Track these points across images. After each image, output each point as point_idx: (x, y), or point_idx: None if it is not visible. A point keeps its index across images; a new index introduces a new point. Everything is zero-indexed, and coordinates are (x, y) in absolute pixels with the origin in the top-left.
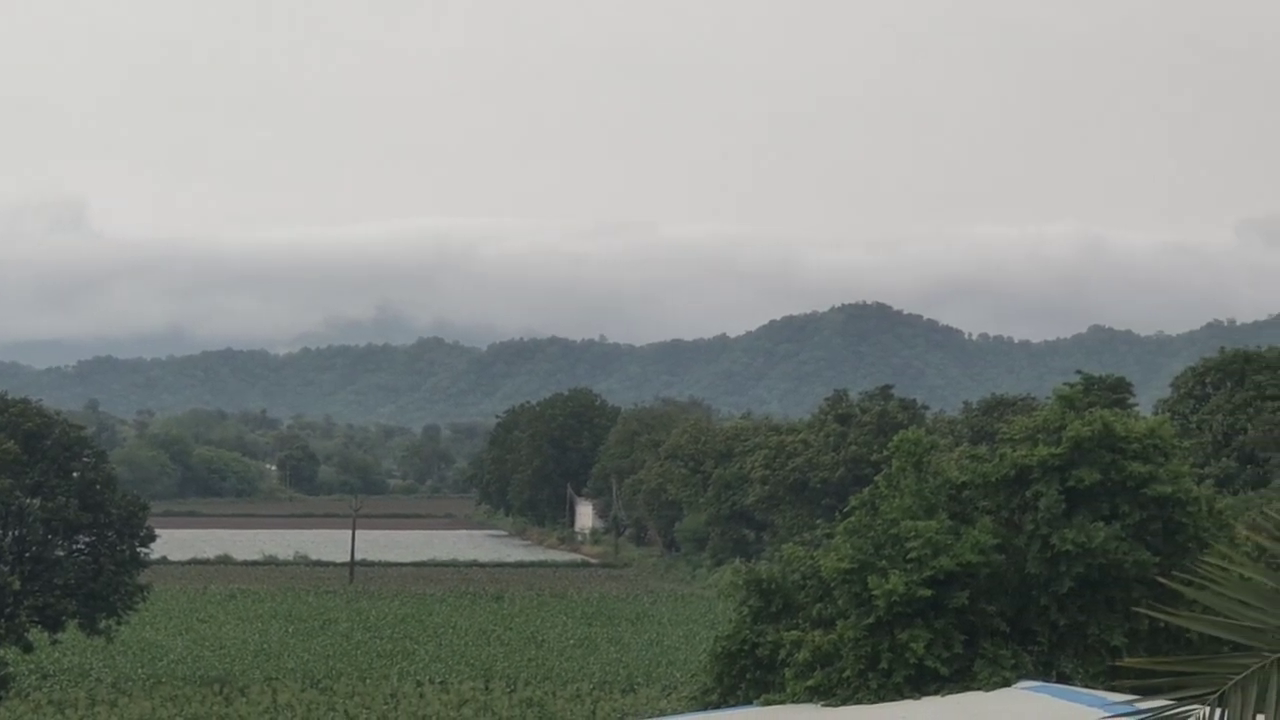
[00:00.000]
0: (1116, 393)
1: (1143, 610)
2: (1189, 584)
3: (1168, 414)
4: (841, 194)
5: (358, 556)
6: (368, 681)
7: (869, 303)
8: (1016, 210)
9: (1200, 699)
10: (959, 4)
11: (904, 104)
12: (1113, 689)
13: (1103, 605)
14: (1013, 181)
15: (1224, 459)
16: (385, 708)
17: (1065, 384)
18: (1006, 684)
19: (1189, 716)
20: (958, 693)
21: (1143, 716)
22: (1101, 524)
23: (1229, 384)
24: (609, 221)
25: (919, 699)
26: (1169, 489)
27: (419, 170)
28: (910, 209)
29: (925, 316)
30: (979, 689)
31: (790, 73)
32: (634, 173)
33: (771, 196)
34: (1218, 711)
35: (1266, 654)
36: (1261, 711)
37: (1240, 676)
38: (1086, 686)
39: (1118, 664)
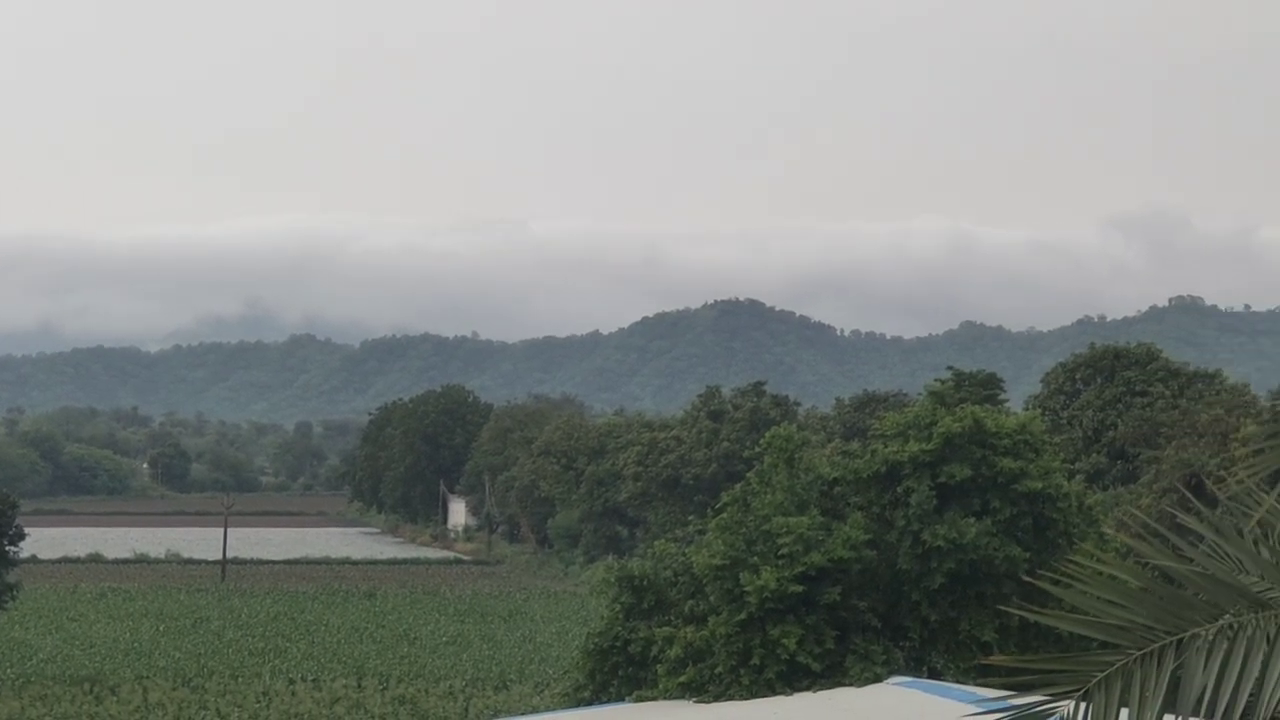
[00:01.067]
0: (988, 389)
1: (1008, 608)
2: (1057, 582)
3: (1038, 410)
4: (707, 190)
5: (230, 554)
6: (239, 680)
7: (741, 299)
8: (884, 207)
9: (1065, 696)
10: (825, 1)
11: (767, 100)
12: (984, 685)
13: (974, 601)
14: (879, 178)
15: (1094, 454)
16: (257, 706)
17: (937, 380)
18: (878, 679)
19: (1054, 713)
20: (829, 688)
21: (1008, 713)
22: (972, 520)
23: (1099, 380)
24: (477, 218)
25: (791, 695)
26: (1039, 485)
27: (287, 167)
28: (777, 205)
29: (798, 313)
30: (851, 684)
31: (653, 69)
32: (500, 169)
33: (638, 193)
34: (1082, 707)
35: (1131, 651)
36: (1126, 707)
37: (1104, 674)
38: (957, 682)
39: (984, 661)
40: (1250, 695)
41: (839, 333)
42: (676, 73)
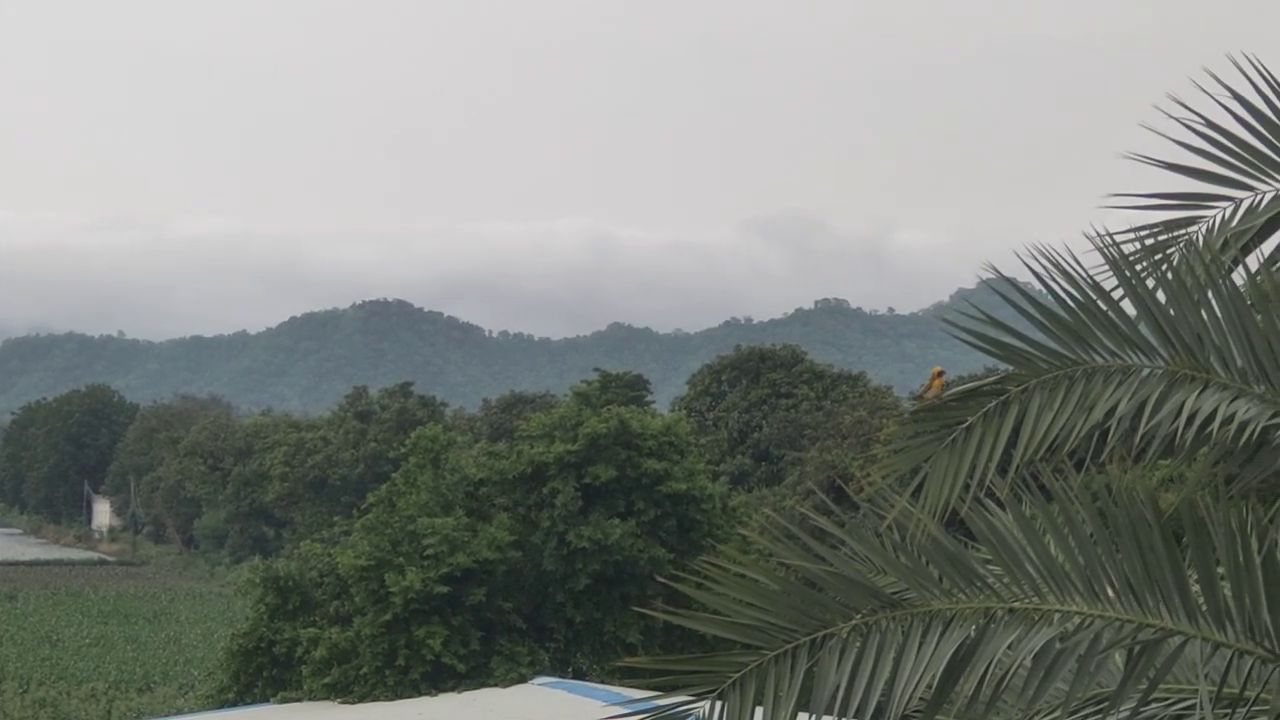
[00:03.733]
0: (634, 390)
1: (642, 609)
2: (699, 585)
3: (684, 411)
4: (350, 189)
5: None
6: None
7: (390, 300)
8: (527, 207)
9: (702, 696)
10: (449, 3)
11: (408, 99)
12: (629, 685)
13: (618, 602)
14: (521, 178)
15: (739, 456)
16: None
17: (584, 381)
18: (523, 680)
19: (691, 713)
20: (474, 689)
21: (646, 714)
22: (617, 521)
23: (745, 382)
24: (117, 216)
25: (436, 695)
26: (684, 486)
27: None
28: (420, 206)
29: (446, 314)
30: (496, 685)
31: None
32: (139, 167)
33: (281, 192)
34: (718, 707)
35: (766, 651)
36: (761, 706)
37: (739, 674)
38: (602, 683)
39: (619, 663)
40: (882, 695)
41: (488, 334)
42: (317, 70)
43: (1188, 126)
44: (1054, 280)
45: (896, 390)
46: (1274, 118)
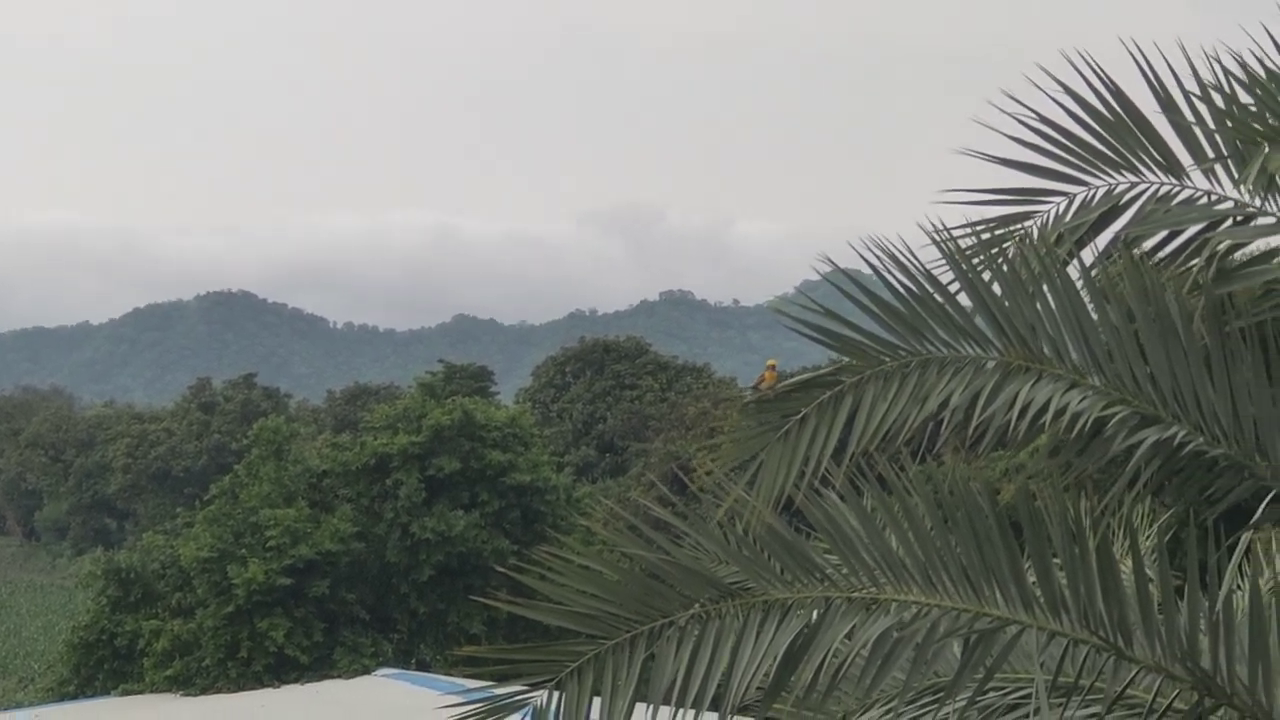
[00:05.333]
0: (479, 381)
1: (480, 598)
2: (541, 576)
3: (529, 403)
4: (190, 182)
5: None
6: None
7: (234, 291)
8: (362, 198)
9: (540, 685)
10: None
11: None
12: (471, 676)
13: (462, 593)
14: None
15: (584, 447)
16: None
17: (428, 373)
18: (366, 671)
19: (528, 703)
20: (318, 681)
21: (479, 703)
22: (461, 512)
23: (589, 373)
24: None
25: (279, 687)
26: (528, 477)
27: None
28: (261, 196)
29: (290, 305)
30: (339, 677)
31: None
32: None
33: (119, 183)
34: (556, 696)
35: (604, 641)
36: (599, 695)
37: (577, 663)
38: (445, 674)
39: (457, 652)
40: (720, 684)
41: (332, 325)
42: (154, 63)
43: (1022, 122)
44: (890, 272)
45: (741, 382)
46: (1106, 113)
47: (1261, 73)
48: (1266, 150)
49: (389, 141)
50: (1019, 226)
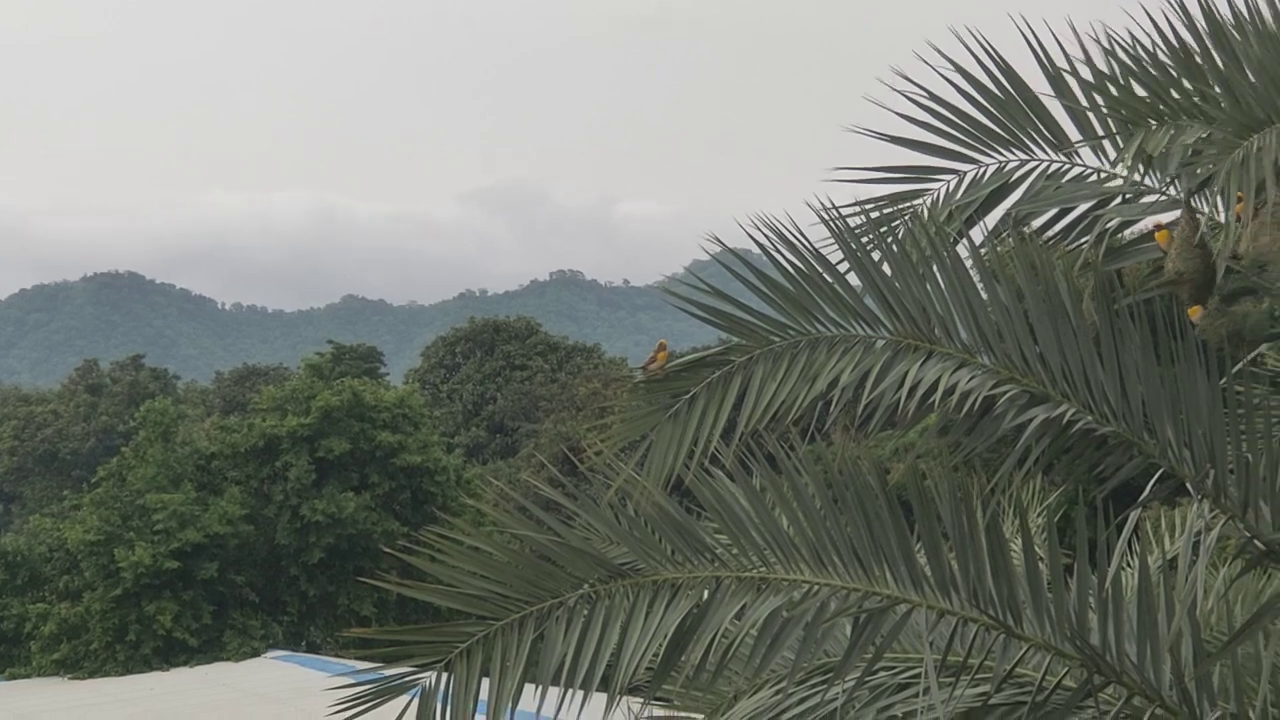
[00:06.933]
0: (368, 362)
1: (370, 580)
2: (431, 558)
3: (418, 384)
4: (74, 162)
5: None
6: None
7: (121, 272)
8: (244, 178)
9: (429, 667)
10: None
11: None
12: (362, 658)
13: (352, 575)
14: (236, 149)
15: (474, 428)
16: None
17: (316, 353)
18: (256, 654)
19: (417, 684)
20: (207, 664)
21: (368, 684)
22: (351, 494)
23: (479, 354)
24: None
25: (168, 670)
26: (418, 459)
27: None
28: (138, 177)
29: (178, 286)
30: (228, 659)
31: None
32: None
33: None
34: (444, 677)
35: (494, 622)
36: (488, 676)
37: (465, 644)
38: (336, 656)
39: (347, 634)
40: (610, 664)
41: (220, 306)
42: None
43: (913, 100)
44: (779, 252)
45: (631, 362)
46: (995, 90)
47: (1144, 55)
48: (1149, 130)
49: (275, 123)
50: (909, 205)
